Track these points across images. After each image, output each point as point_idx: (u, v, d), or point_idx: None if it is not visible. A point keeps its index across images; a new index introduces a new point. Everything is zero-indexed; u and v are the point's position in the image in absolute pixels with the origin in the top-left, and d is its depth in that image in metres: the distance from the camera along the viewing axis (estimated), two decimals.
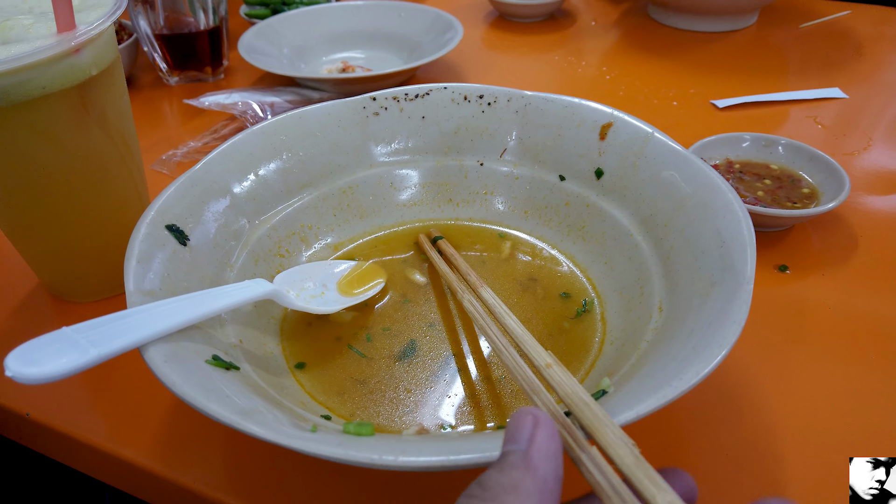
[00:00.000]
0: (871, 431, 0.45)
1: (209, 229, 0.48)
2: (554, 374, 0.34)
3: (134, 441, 0.46)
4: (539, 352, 0.37)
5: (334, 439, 0.31)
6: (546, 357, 0.36)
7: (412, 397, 0.45)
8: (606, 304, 0.51)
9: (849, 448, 0.44)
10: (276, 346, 0.48)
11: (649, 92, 0.90)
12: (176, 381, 0.33)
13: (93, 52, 0.46)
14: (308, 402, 0.43)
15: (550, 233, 0.58)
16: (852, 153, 0.75)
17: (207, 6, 0.90)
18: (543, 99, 0.58)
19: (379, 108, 0.59)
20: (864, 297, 0.56)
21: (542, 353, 0.37)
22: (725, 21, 1.06)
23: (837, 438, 0.44)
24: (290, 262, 0.55)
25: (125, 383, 0.50)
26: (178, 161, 0.75)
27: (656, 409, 0.32)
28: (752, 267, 0.39)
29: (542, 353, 0.37)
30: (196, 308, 0.39)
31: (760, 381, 0.49)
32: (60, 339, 0.33)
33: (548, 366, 0.35)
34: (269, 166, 0.55)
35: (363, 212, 0.60)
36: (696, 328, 0.38)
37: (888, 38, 1.03)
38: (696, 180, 0.47)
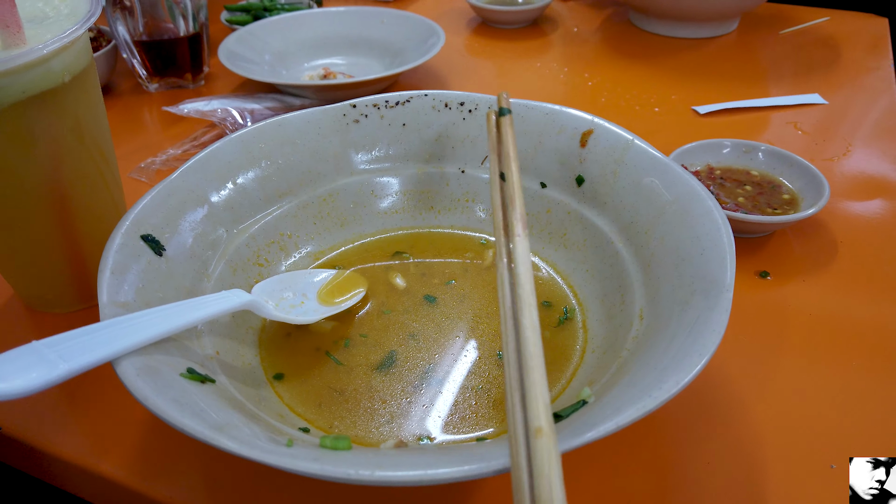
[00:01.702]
0: (854, 437, 0.45)
1: (186, 239, 0.48)
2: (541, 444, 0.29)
3: (110, 455, 0.45)
4: (538, 413, 0.31)
5: (310, 454, 0.31)
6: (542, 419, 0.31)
7: (391, 408, 0.44)
8: (588, 312, 0.51)
9: (831, 455, 0.44)
10: (255, 357, 0.48)
11: (631, 98, 0.90)
12: (149, 395, 0.33)
13: (65, 60, 0.46)
14: (286, 415, 0.43)
15: (532, 240, 0.58)
16: (832, 159, 0.76)
17: (187, 12, 0.89)
18: (524, 106, 0.57)
19: (359, 115, 0.59)
20: (844, 303, 0.56)
21: (540, 413, 0.31)
22: (707, 27, 1.07)
23: (820, 445, 0.44)
24: (269, 272, 0.54)
25: (101, 395, 0.49)
26: (157, 169, 0.74)
27: (636, 419, 0.32)
28: (731, 275, 0.39)
29: (541, 412, 0.31)
30: (171, 320, 0.38)
31: (742, 388, 0.49)
32: (30, 354, 0.32)
33: (538, 431, 0.30)
34: (247, 174, 0.54)
35: (344, 220, 0.59)
36: (676, 337, 0.37)
37: (866, 44, 1.04)
38: (677, 187, 0.47)
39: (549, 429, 0.30)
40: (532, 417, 0.31)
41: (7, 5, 0.41)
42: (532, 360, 0.33)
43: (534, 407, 0.31)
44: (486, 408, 0.44)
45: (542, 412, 0.31)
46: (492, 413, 0.44)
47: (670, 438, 0.45)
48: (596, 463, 0.43)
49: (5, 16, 0.41)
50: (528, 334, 0.35)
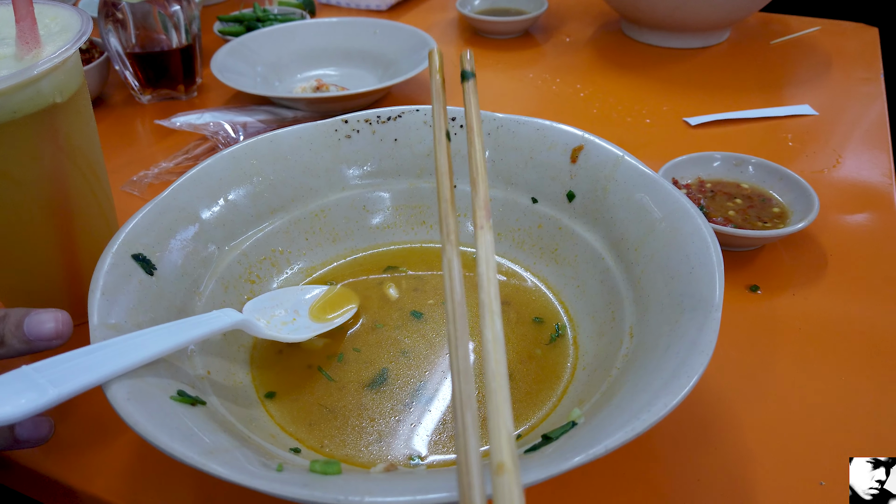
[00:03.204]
0: (845, 452, 0.45)
1: (177, 257, 0.48)
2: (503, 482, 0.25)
3: (100, 475, 0.45)
4: (500, 446, 0.26)
5: (300, 479, 0.31)
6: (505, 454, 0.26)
7: (381, 427, 0.44)
8: (579, 328, 0.51)
9: (821, 470, 0.44)
10: (246, 376, 0.48)
11: (623, 109, 0.91)
12: (139, 419, 0.33)
13: (56, 80, 0.46)
14: (278, 434, 0.43)
15: (523, 255, 0.58)
16: (821, 171, 0.76)
17: (180, 24, 0.89)
18: (515, 121, 0.58)
19: (351, 130, 0.59)
20: (834, 316, 0.56)
21: (503, 446, 0.26)
22: (698, 38, 1.08)
23: (810, 461, 0.45)
24: (261, 289, 0.54)
25: (91, 414, 0.49)
26: (150, 182, 0.74)
27: (625, 442, 0.32)
28: (720, 295, 0.40)
29: (504, 445, 0.26)
30: (162, 342, 0.38)
31: (733, 402, 0.49)
32: (19, 379, 0.33)
33: (500, 467, 0.26)
34: (239, 191, 0.54)
35: (336, 235, 0.59)
36: (665, 357, 0.38)
37: (856, 54, 1.05)
38: (667, 205, 0.48)
39: (512, 465, 0.25)
40: (494, 451, 0.26)
41: (29, 22, 0.42)
42: (494, 380, 0.28)
43: (496, 438, 0.26)
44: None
45: (504, 445, 0.26)
46: (482, 432, 0.44)
47: (661, 454, 0.45)
48: (585, 479, 0.43)
49: (26, 33, 0.42)
50: (490, 348, 0.29)
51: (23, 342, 0.36)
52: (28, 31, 0.42)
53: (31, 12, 0.42)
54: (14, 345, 0.36)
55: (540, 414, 0.45)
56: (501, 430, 0.26)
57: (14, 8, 0.42)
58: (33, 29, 0.43)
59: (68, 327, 0.38)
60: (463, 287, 0.33)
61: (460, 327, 0.31)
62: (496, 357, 0.29)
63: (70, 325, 0.39)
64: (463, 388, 0.29)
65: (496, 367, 0.29)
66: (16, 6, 0.41)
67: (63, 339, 0.37)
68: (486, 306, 0.31)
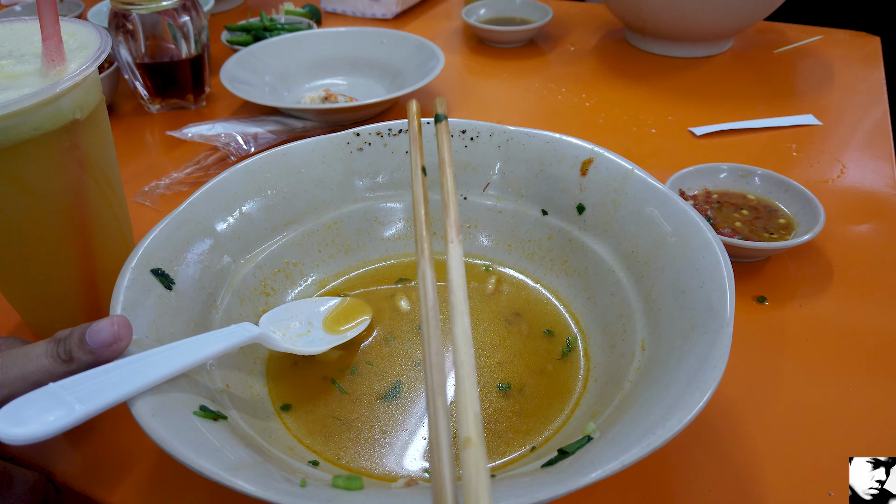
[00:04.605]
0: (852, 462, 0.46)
1: (194, 271, 0.48)
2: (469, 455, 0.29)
3: (118, 487, 0.46)
4: (467, 423, 0.31)
5: (324, 495, 0.31)
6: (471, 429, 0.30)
7: (396, 439, 0.45)
8: (590, 340, 0.52)
9: (830, 480, 0.44)
10: (263, 388, 0.48)
11: (628, 119, 0.91)
12: (164, 436, 0.33)
13: (76, 97, 0.46)
14: (296, 447, 0.44)
15: (534, 267, 0.59)
16: (826, 181, 0.77)
17: (189, 34, 0.90)
18: (525, 134, 0.58)
19: (362, 143, 0.60)
20: (840, 327, 0.57)
21: (469, 424, 0.31)
22: (701, 47, 1.08)
23: (819, 471, 0.45)
24: (275, 301, 0.55)
25: (108, 426, 0.49)
26: (161, 193, 0.75)
27: (641, 458, 0.32)
28: (731, 309, 0.40)
29: (471, 422, 0.31)
30: (184, 357, 0.39)
31: (741, 413, 0.49)
32: (47, 397, 0.33)
33: (467, 442, 0.30)
34: (253, 204, 0.55)
35: (348, 247, 0.60)
36: (677, 372, 0.38)
37: (858, 63, 1.06)
38: (677, 219, 0.48)
39: (478, 439, 0.30)
40: (462, 428, 0.30)
41: (55, 41, 0.43)
42: (463, 368, 0.33)
43: (464, 417, 0.31)
44: (491, 439, 0.45)
45: (471, 423, 0.30)
46: (496, 444, 0.44)
47: (671, 462, 0.46)
48: (593, 488, 0.44)
49: (51, 51, 0.43)
50: (460, 342, 0.34)
51: (88, 353, 0.37)
52: (54, 48, 0.43)
53: (58, 30, 0.42)
54: (81, 357, 0.38)
55: (553, 426, 0.45)
56: (468, 411, 0.31)
57: (41, 26, 0.42)
58: (59, 46, 0.43)
59: (126, 329, 0.39)
60: (436, 294, 0.37)
61: (433, 327, 0.36)
62: (464, 350, 0.34)
63: (128, 326, 0.39)
64: (434, 378, 0.33)
65: (464, 359, 0.33)
66: (42, 24, 0.42)
67: (123, 340, 0.38)
68: (455, 308, 0.36)
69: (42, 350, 0.38)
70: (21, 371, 0.37)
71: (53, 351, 0.38)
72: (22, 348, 0.38)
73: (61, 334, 0.39)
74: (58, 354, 0.38)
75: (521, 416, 0.46)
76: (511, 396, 0.48)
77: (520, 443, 0.44)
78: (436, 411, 0.31)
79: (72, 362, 0.38)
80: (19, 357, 0.38)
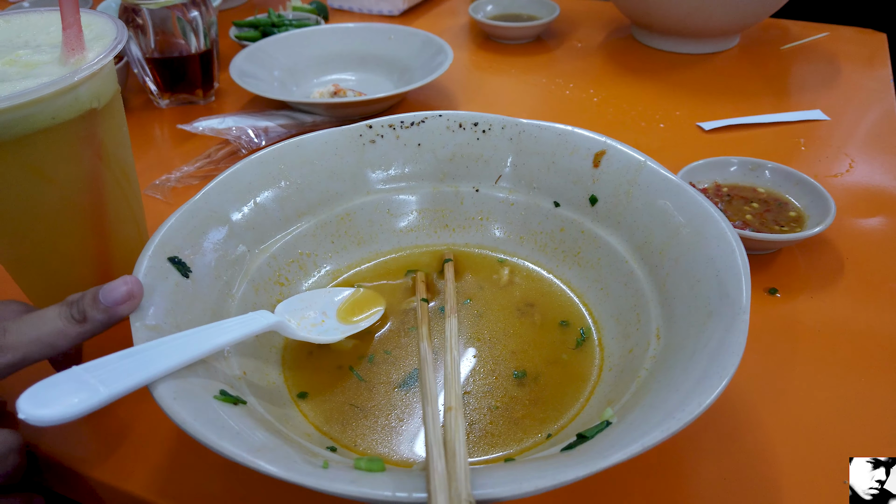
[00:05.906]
0: (864, 452, 0.46)
1: (210, 259, 0.49)
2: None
3: (135, 473, 0.46)
4: (450, 397, 0.41)
5: (347, 476, 0.31)
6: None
7: (412, 427, 0.45)
8: (603, 330, 0.52)
9: (845, 469, 0.45)
10: (279, 376, 0.49)
11: (636, 115, 0.92)
12: (186, 418, 0.34)
13: (93, 86, 0.47)
14: (313, 433, 0.44)
15: (546, 258, 0.59)
16: (836, 175, 0.77)
17: (199, 29, 0.90)
18: (537, 126, 0.59)
19: (375, 135, 0.60)
20: (851, 318, 0.57)
21: (451, 397, 0.41)
22: (708, 44, 1.09)
23: (834, 459, 0.45)
24: (290, 291, 0.55)
25: (124, 413, 0.50)
26: (173, 186, 0.75)
27: (661, 440, 0.33)
28: (747, 297, 0.40)
29: (453, 396, 0.41)
30: (202, 343, 0.39)
31: (754, 403, 0.50)
32: (71, 379, 0.33)
33: (448, 409, 0.39)
34: (267, 194, 0.55)
35: (361, 238, 0.60)
36: (694, 358, 0.38)
37: (865, 60, 1.06)
38: (690, 209, 0.49)
39: (456, 405, 0.40)
40: (447, 398, 0.41)
41: (76, 30, 0.43)
42: (449, 353, 0.46)
43: (449, 391, 0.42)
44: (507, 427, 0.45)
45: (453, 395, 0.41)
46: (513, 431, 0.45)
47: (684, 455, 0.46)
48: (608, 480, 0.44)
49: (71, 39, 0.43)
50: (448, 335, 0.47)
51: (101, 311, 0.38)
52: (74, 37, 0.43)
53: (79, 19, 0.43)
54: (95, 316, 0.39)
55: (569, 414, 0.45)
56: (453, 386, 0.43)
57: (62, 14, 0.43)
58: (79, 35, 0.44)
59: (138, 287, 0.40)
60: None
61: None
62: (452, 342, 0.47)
63: (140, 286, 0.40)
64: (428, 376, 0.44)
65: (454, 355, 0.46)
66: (63, 13, 0.42)
67: (136, 299, 0.40)
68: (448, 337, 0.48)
69: (55, 312, 0.39)
70: (37, 333, 0.38)
71: (67, 312, 0.39)
72: (35, 312, 0.40)
73: (73, 297, 0.40)
74: (71, 315, 0.39)
75: (537, 405, 0.46)
76: (527, 385, 0.48)
77: (536, 430, 0.45)
78: (431, 386, 0.43)
79: (86, 322, 0.38)
80: (33, 321, 0.39)
